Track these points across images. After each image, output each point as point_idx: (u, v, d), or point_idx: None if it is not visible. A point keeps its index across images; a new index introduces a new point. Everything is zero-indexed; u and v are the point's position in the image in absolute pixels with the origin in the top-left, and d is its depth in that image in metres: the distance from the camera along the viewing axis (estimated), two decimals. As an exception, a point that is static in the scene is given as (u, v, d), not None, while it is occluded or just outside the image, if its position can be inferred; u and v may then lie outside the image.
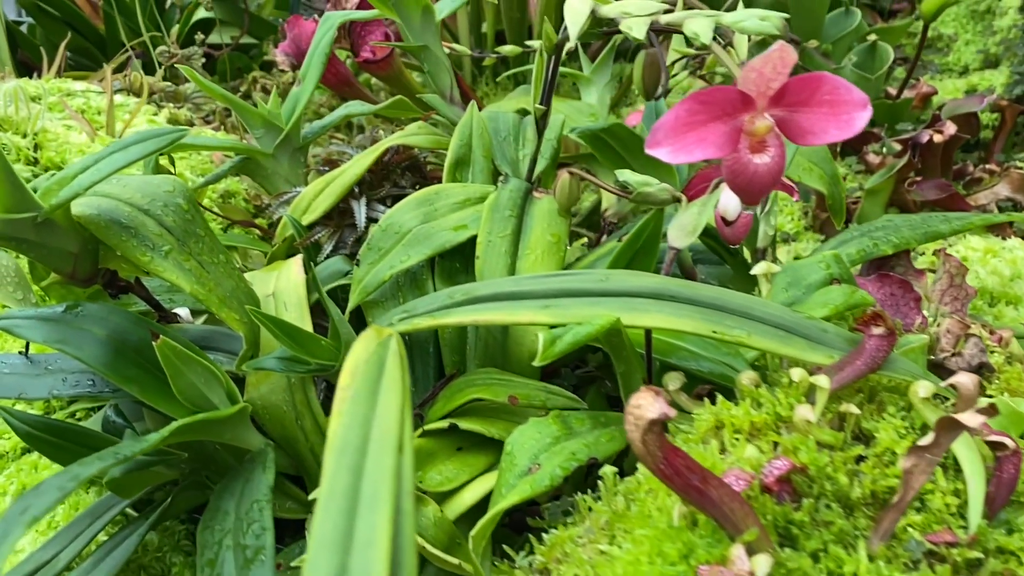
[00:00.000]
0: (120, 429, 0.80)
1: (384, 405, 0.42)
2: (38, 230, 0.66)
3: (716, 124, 0.47)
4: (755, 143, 0.49)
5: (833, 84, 0.47)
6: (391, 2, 0.83)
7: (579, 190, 0.77)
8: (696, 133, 0.47)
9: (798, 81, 0.47)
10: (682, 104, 0.47)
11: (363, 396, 0.42)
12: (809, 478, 0.49)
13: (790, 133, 0.48)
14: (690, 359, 0.67)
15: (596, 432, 0.63)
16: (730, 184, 0.50)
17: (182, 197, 0.74)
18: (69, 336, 0.67)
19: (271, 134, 0.95)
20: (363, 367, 0.44)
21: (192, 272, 0.70)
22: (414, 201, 0.81)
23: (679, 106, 0.47)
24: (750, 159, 0.49)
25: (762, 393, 0.55)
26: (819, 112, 0.47)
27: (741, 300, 0.59)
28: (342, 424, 0.40)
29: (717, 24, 0.53)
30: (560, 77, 1.56)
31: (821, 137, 0.47)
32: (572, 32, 0.62)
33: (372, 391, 0.43)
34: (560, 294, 0.64)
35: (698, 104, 0.47)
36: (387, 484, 0.38)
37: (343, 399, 0.42)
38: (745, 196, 0.51)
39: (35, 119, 1.27)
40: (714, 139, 0.47)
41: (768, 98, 0.47)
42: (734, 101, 0.47)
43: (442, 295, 0.71)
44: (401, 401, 0.43)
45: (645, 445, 0.41)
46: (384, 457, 0.39)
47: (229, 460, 0.77)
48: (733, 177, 0.49)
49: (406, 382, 0.44)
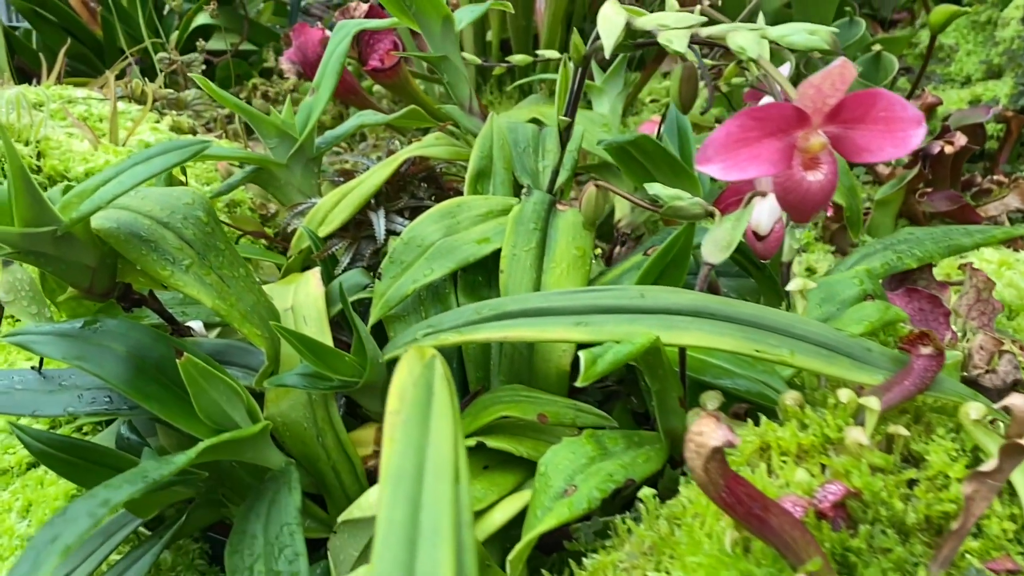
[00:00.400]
0: (135, 446, 0.79)
1: (437, 431, 0.41)
2: (57, 244, 0.64)
3: (770, 140, 0.46)
4: (808, 160, 0.48)
5: (889, 101, 0.46)
6: (411, 12, 0.81)
7: (605, 203, 0.76)
8: (750, 150, 0.46)
9: (854, 98, 0.46)
10: (734, 120, 0.46)
11: (415, 421, 0.41)
12: (863, 503, 0.48)
13: (844, 150, 0.47)
14: (725, 377, 0.66)
15: (631, 452, 0.62)
16: (781, 201, 0.49)
17: (202, 209, 0.72)
18: (88, 353, 0.65)
19: (285, 144, 0.94)
20: (411, 390, 0.43)
21: (213, 287, 0.69)
22: (436, 214, 0.80)
23: (731, 122, 0.46)
24: (803, 176, 0.48)
25: (808, 414, 0.54)
26: (875, 129, 0.46)
27: (782, 318, 0.58)
28: (396, 451, 0.39)
29: (763, 37, 0.52)
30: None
31: (877, 155, 0.46)
32: (607, 44, 0.61)
33: (423, 416, 0.41)
34: (594, 310, 0.62)
35: (752, 120, 0.46)
36: (447, 516, 0.36)
37: (394, 424, 0.41)
38: (796, 214, 0.49)
39: (38, 127, 1.25)
40: (768, 156, 0.46)
41: (823, 115, 0.46)
42: (789, 117, 0.46)
43: (468, 310, 0.69)
44: (453, 427, 0.41)
45: (707, 473, 0.40)
46: (441, 486, 0.38)
47: (246, 478, 0.75)
48: (785, 194, 0.48)
49: (456, 406, 0.43)
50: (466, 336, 0.67)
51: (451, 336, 0.68)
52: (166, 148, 0.65)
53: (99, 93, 1.57)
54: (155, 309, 0.81)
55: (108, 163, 1.27)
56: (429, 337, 0.70)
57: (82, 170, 1.24)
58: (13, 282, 0.71)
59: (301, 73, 1.42)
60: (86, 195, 0.64)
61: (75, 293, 0.69)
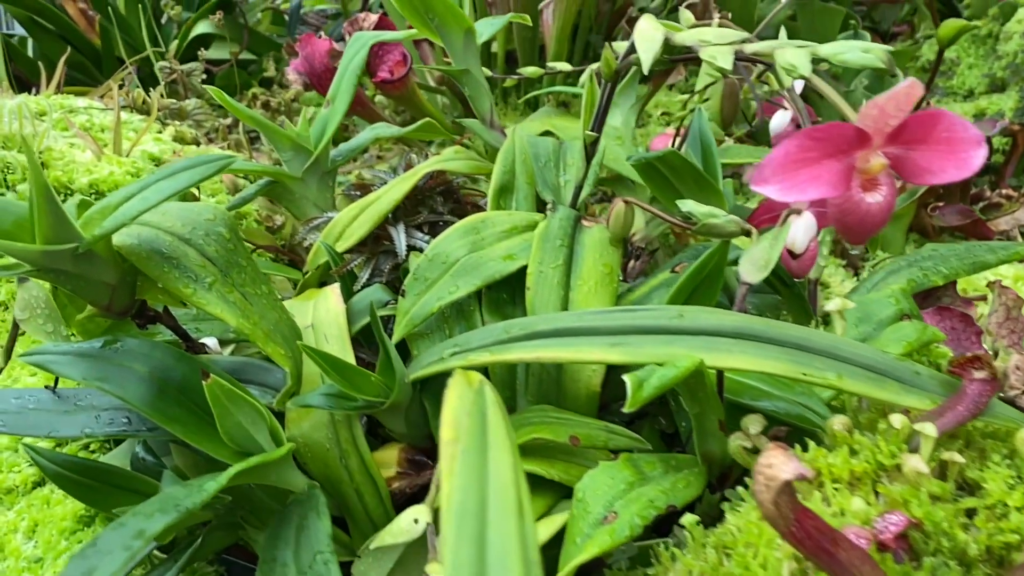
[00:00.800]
0: (151, 467, 0.77)
1: (496, 462, 0.39)
2: (77, 261, 0.63)
3: (830, 161, 0.45)
4: (866, 181, 0.46)
5: (950, 121, 0.45)
6: (434, 24, 0.80)
7: (633, 219, 0.75)
8: (809, 170, 0.45)
9: (916, 118, 0.45)
10: (792, 140, 0.45)
11: (473, 453, 0.39)
12: (924, 534, 0.46)
13: (905, 172, 0.46)
14: (763, 398, 0.65)
15: (670, 477, 0.61)
16: (838, 223, 0.48)
17: (223, 225, 0.70)
18: (110, 373, 0.63)
19: (300, 157, 0.92)
20: (466, 420, 0.41)
21: (236, 305, 0.67)
22: (460, 229, 0.78)
23: (789, 142, 0.45)
24: (862, 198, 0.46)
25: (858, 439, 0.53)
26: (936, 150, 0.45)
27: (827, 340, 0.57)
28: (456, 486, 0.37)
29: (814, 56, 0.51)
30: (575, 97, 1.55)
31: (939, 176, 0.45)
32: (645, 60, 0.60)
33: (480, 447, 0.40)
34: (630, 331, 0.61)
35: (811, 140, 0.45)
36: (515, 555, 0.35)
37: (451, 456, 0.39)
38: (853, 235, 0.48)
39: (42, 137, 1.23)
40: (828, 177, 0.45)
41: (884, 135, 0.45)
42: (849, 138, 0.45)
43: (497, 329, 0.68)
44: (513, 459, 0.40)
45: (777, 507, 0.39)
46: (507, 523, 0.36)
47: (266, 500, 0.74)
48: (843, 216, 0.47)
49: (512, 436, 0.42)
50: (496, 356, 0.65)
51: (480, 356, 0.66)
52: (191, 163, 0.64)
53: (100, 103, 1.55)
54: (170, 326, 0.79)
55: (112, 174, 1.25)
56: (456, 357, 0.68)
57: (86, 181, 1.22)
58: (29, 299, 0.69)
59: (308, 84, 1.40)
60: (109, 211, 0.62)
61: (94, 311, 0.67)
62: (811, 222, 0.66)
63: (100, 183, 1.23)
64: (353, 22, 1.31)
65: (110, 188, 1.24)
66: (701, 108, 0.90)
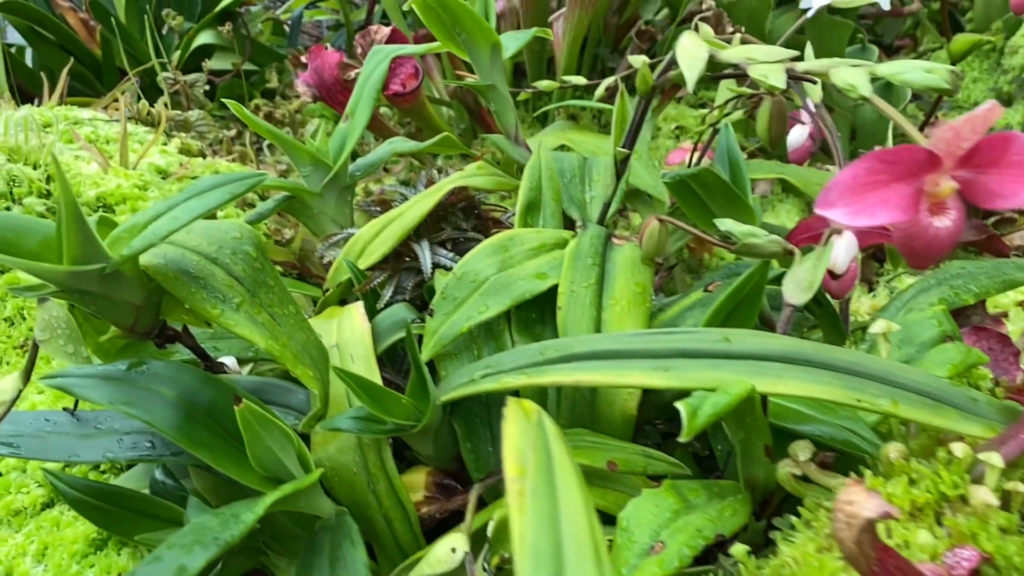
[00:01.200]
0: (172, 491, 0.75)
1: (567, 502, 0.37)
2: (103, 282, 0.61)
3: (899, 184, 0.44)
4: (935, 205, 0.45)
5: (1023, 144, 0.44)
6: (461, 39, 0.78)
7: (667, 238, 0.73)
8: (878, 194, 0.44)
9: (988, 141, 0.44)
10: (861, 162, 0.44)
11: (542, 492, 0.38)
12: (995, 568, 0.45)
13: (974, 195, 0.45)
14: (806, 422, 0.63)
15: (715, 504, 0.59)
16: (904, 247, 0.47)
17: (250, 244, 0.68)
18: (136, 397, 0.61)
19: (319, 172, 0.90)
20: (531, 455, 0.40)
21: (265, 326, 0.65)
22: (488, 248, 0.76)
23: (857, 164, 0.44)
24: (930, 222, 0.45)
25: (919, 469, 0.51)
26: (1008, 173, 0.44)
27: (879, 364, 0.55)
28: (529, 527, 0.36)
29: (872, 75, 0.50)
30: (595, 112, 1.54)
31: (1011, 200, 0.44)
32: (690, 78, 0.58)
33: (549, 484, 0.38)
34: (673, 354, 0.60)
35: (880, 163, 0.44)
36: (596, 600, 0.33)
37: (520, 493, 0.37)
38: (918, 260, 0.47)
39: (49, 149, 1.21)
40: (897, 201, 0.44)
41: (956, 158, 0.44)
42: (920, 161, 0.44)
43: (531, 350, 0.66)
44: (584, 497, 0.38)
45: (859, 546, 0.37)
46: (584, 566, 0.35)
47: (290, 525, 0.72)
48: (909, 241, 0.46)
49: (579, 473, 0.40)
50: (532, 379, 0.64)
51: (514, 379, 0.65)
52: (221, 181, 0.62)
53: (104, 114, 1.53)
54: (188, 345, 0.77)
55: (119, 187, 1.23)
56: (488, 379, 0.67)
57: (93, 194, 1.20)
58: (49, 320, 0.67)
59: (317, 96, 1.39)
60: (137, 230, 0.60)
61: (118, 333, 0.65)
62: (852, 242, 0.65)
63: (107, 196, 1.21)
64: (365, 35, 1.30)
65: (117, 201, 1.22)
66: (728, 124, 0.89)
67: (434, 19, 0.78)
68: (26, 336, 1.13)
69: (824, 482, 0.56)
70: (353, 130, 0.91)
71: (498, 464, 0.73)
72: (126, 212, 1.21)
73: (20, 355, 1.12)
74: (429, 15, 0.78)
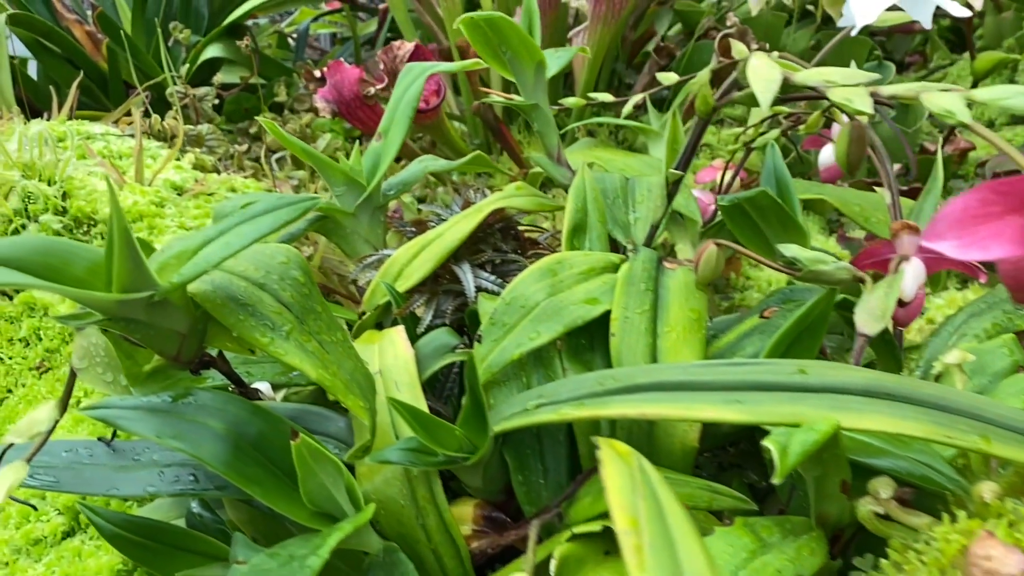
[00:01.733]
0: (210, 525, 0.72)
1: (688, 556, 0.35)
2: (150, 310, 0.58)
3: (1013, 217, 0.42)
4: (1048, 238, 0.43)
5: None
6: (506, 57, 0.77)
7: (723, 262, 0.71)
8: (991, 226, 0.42)
9: (1107, 170, 0.42)
10: (973, 193, 0.42)
11: (661, 548, 0.35)
12: (1113, 619, 0.43)
13: (1090, 228, 0.43)
14: (881, 456, 0.61)
15: (789, 543, 0.57)
16: (1013, 282, 0.45)
17: (298, 269, 0.66)
18: (184, 430, 0.59)
19: (353, 192, 0.88)
20: (642, 505, 0.37)
21: (315, 354, 0.63)
22: (537, 272, 0.74)
23: (969, 195, 0.42)
24: (1044, 257, 0.43)
25: (1017, 509, 0.49)
26: (1126, 205, 0.42)
27: (966, 399, 0.53)
28: (653, 585, 0.33)
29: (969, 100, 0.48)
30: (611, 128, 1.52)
31: None
32: (763, 101, 0.56)
33: (665, 536, 0.36)
34: (746, 387, 0.57)
35: (993, 194, 0.42)
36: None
37: (637, 548, 0.35)
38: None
39: (64, 165, 1.18)
40: (1010, 233, 0.42)
41: (1074, 189, 0.42)
42: (1036, 192, 0.42)
43: (589, 380, 0.64)
44: (703, 549, 0.36)
45: (998, 604, 0.35)
46: (717, 629, 0.32)
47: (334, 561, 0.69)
48: (1020, 275, 0.44)
49: (694, 524, 0.38)
50: (593, 411, 0.61)
51: (572, 410, 0.62)
52: (274, 206, 0.59)
53: (115, 128, 1.50)
54: (225, 372, 0.74)
55: (136, 204, 1.20)
56: (544, 409, 0.64)
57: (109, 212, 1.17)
58: (88, 347, 0.64)
59: (336, 112, 1.37)
60: (186, 256, 0.58)
61: (162, 362, 0.63)
62: (920, 269, 0.63)
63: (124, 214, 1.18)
64: (388, 50, 1.28)
65: (134, 219, 1.19)
66: (775, 144, 0.88)
67: (480, 38, 0.76)
68: (42, 357, 1.10)
69: (908, 521, 0.54)
70: (388, 149, 0.89)
71: (550, 497, 0.70)
72: (143, 230, 1.19)
73: (35, 377, 1.09)
74: (476, 34, 0.76)
